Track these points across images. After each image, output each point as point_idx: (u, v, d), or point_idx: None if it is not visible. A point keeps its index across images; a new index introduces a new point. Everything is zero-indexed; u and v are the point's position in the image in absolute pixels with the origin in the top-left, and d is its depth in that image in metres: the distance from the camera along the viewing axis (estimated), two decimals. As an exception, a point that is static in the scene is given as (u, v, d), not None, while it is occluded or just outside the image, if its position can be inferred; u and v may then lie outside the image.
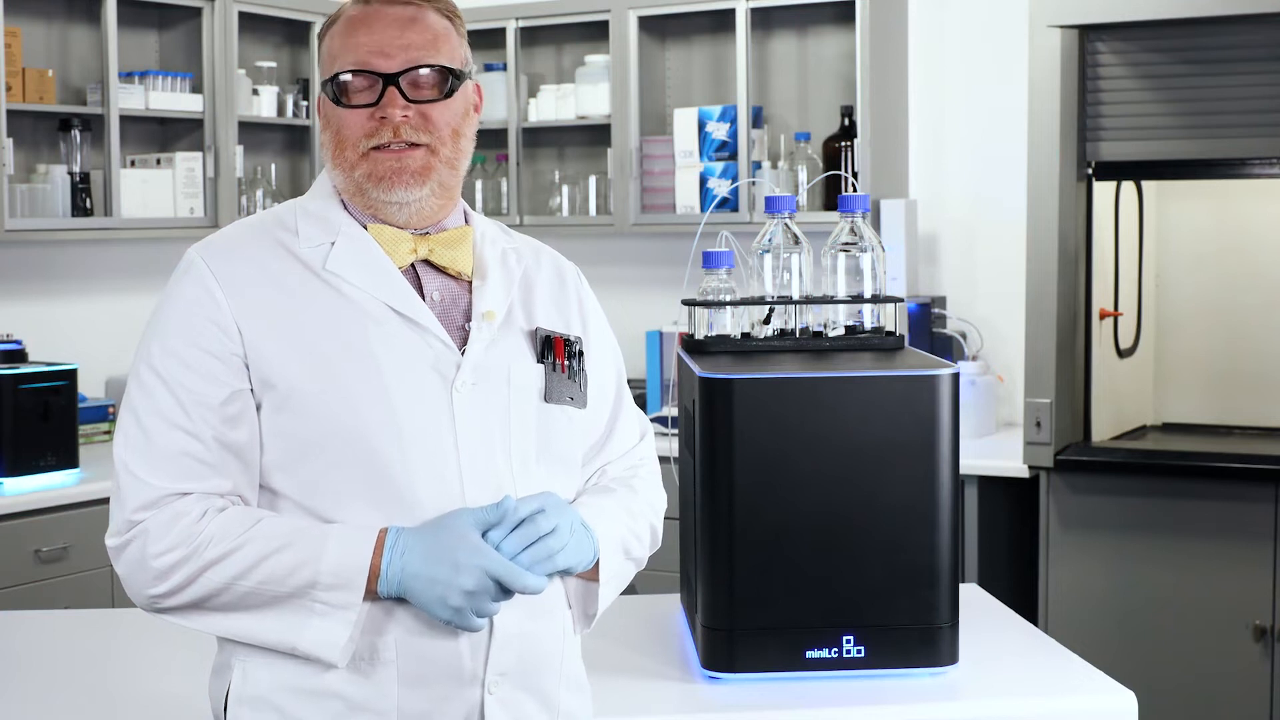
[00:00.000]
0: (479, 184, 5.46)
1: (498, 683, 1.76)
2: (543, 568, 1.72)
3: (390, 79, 1.78)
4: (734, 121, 4.95)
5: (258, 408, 1.74)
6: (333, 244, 1.80)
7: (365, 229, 1.82)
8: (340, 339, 1.75)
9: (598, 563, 1.83)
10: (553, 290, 1.93)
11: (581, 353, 1.89)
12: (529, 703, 1.80)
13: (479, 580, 1.67)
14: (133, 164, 4.72)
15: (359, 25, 1.80)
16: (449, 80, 1.81)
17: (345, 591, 1.68)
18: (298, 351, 1.74)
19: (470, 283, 1.84)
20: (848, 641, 2.25)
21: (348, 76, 1.79)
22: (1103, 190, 4.25)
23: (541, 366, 1.84)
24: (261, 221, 1.85)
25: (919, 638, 2.26)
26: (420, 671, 1.73)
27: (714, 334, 2.47)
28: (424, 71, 1.79)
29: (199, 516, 1.70)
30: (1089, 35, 4.11)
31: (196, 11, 4.78)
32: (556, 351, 1.86)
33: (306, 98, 5.19)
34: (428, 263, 1.83)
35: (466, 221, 1.90)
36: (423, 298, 1.81)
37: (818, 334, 2.48)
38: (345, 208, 1.84)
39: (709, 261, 2.47)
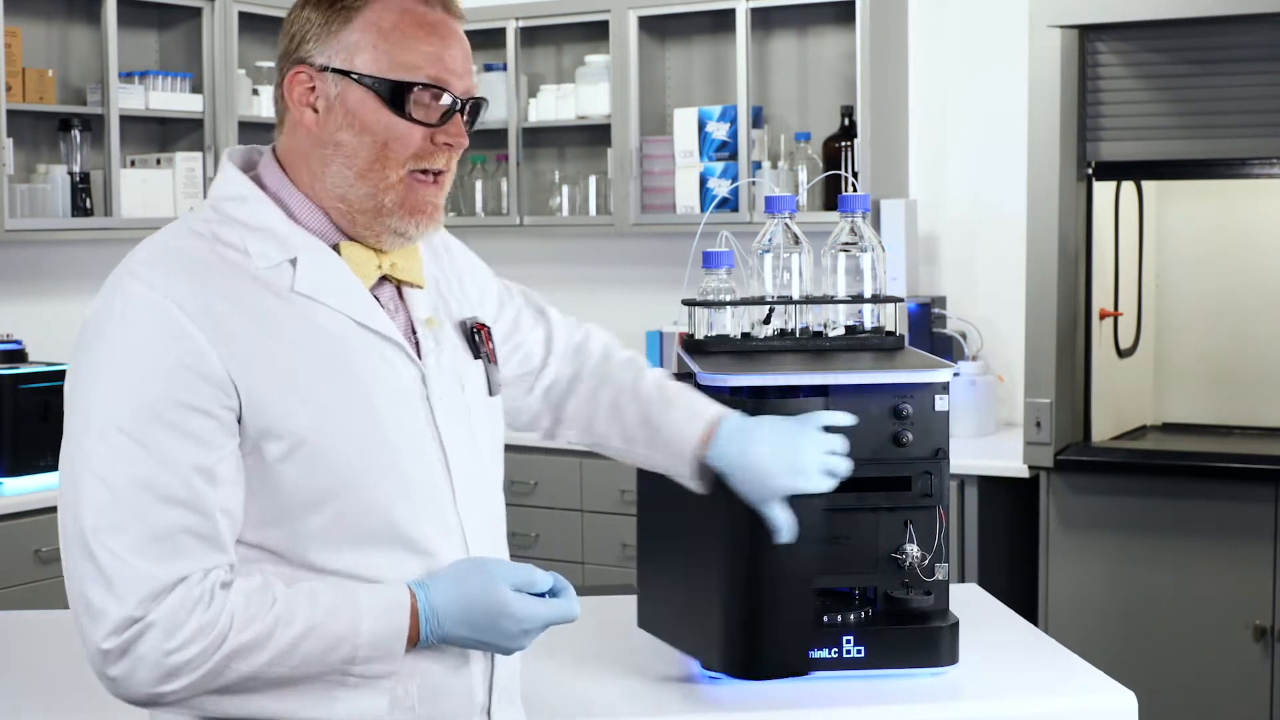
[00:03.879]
0: (479, 184, 5.46)
1: (498, 705, 1.74)
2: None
3: (460, 104, 1.65)
4: (734, 121, 4.95)
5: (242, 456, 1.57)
6: (293, 262, 1.62)
7: (331, 247, 1.65)
8: (332, 374, 1.60)
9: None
10: (432, 261, 1.81)
11: (490, 331, 1.83)
12: (515, 715, 1.80)
13: (531, 638, 1.65)
14: (133, 164, 4.72)
15: (429, 31, 1.63)
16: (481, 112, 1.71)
17: (383, 662, 1.58)
18: (298, 396, 1.57)
19: (396, 284, 1.72)
20: (848, 641, 2.24)
21: (426, 89, 1.62)
22: (1103, 190, 4.25)
23: (480, 363, 1.78)
24: (196, 238, 1.61)
25: (919, 638, 2.26)
26: (438, 711, 1.67)
27: (714, 334, 2.46)
28: (475, 102, 1.68)
29: (210, 600, 1.51)
30: (1089, 35, 4.11)
31: (196, 11, 4.78)
32: (485, 340, 1.80)
33: (306, 98, 5.19)
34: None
35: None
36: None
37: (818, 334, 2.47)
38: (291, 217, 1.65)
39: (709, 261, 2.47)
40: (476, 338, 1.79)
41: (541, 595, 1.67)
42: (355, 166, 1.63)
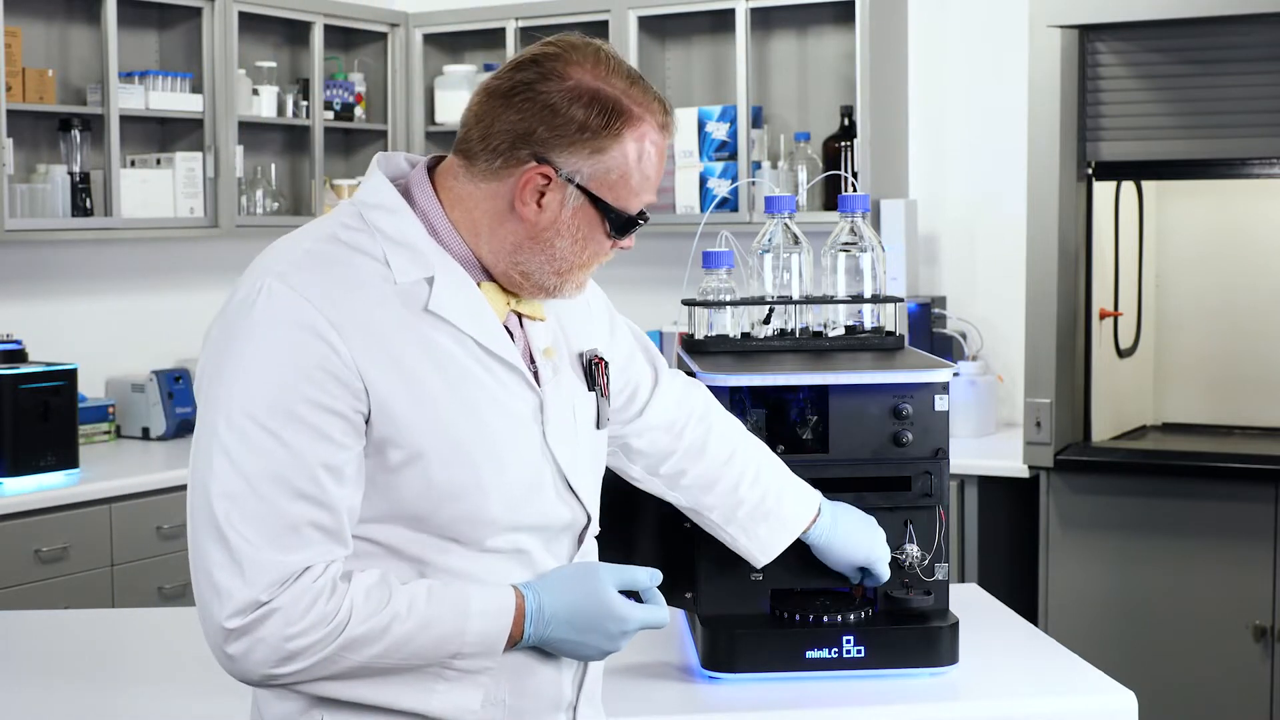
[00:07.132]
0: (479, 184, 5.45)
1: (583, 704, 1.81)
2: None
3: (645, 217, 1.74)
4: (734, 121, 4.95)
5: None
6: (429, 280, 1.66)
7: (465, 271, 1.70)
8: (453, 392, 1.65)
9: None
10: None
11: (608, 366, 1.88)
12: (596, 715, 1.85)
13: (628, 639, 1.73)
14: (133, 164, 4.72)
15: (660, 164, 1.70)
16: None
17: (483, 659, 1.66)
18: (421, 409, 1.62)
19: (519, 314, 1.77)
20: (848, 641, 2.25)
21: (640, 216, 1.72)
22: (1103, 190, 4.26)
23: (593, 395, 1.83)
24: (338, 245, 1.65)
25: (919, 638, 2.26)
26: (527, 708, 1.73)
27: (714, 334, 2.47)
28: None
29: (331, 591, 1.59)
30: (1089, 35, 4.11)
31: (196, 11, 4.78)
32: (600, 373, 1.85)
33: (306, 98, 5.19)
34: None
35: None
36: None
37: (818, 334, 2.48)
38: (434, 235, 1.69)
39: (709, 261, 2.47)
40: (594, 370, 1.84)
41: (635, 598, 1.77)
42: (556, 265, 1.70)
